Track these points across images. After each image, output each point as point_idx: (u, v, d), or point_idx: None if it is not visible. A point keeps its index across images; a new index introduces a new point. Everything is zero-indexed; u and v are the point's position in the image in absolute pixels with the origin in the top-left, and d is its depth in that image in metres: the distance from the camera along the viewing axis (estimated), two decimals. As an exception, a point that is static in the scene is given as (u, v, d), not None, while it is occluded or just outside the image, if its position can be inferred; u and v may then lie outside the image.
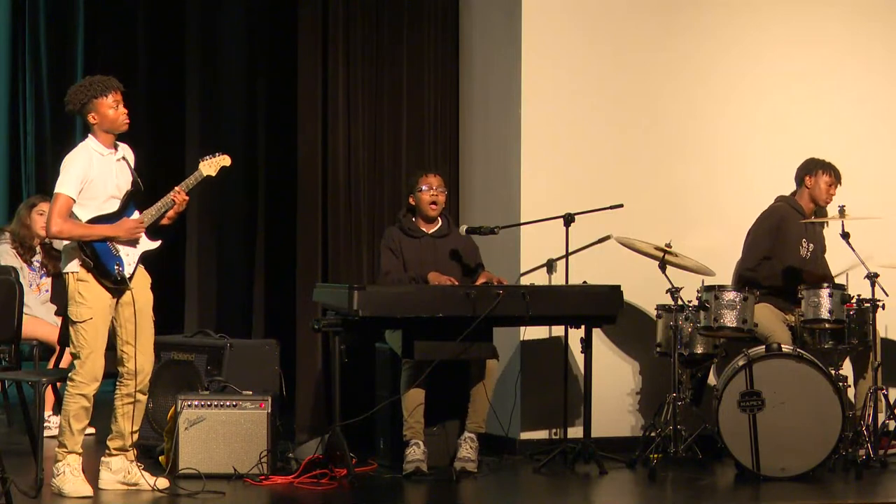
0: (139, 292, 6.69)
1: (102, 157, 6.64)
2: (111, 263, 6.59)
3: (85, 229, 6.55)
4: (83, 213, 6.57)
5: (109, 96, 6.61)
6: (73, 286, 6.58)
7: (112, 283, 6.59)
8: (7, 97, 11.80)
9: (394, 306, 7.25)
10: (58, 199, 6.50)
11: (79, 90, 6.64)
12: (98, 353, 6.58)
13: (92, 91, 6.60)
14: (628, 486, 7.44)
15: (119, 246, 6.63)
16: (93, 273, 6.56)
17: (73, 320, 6.59)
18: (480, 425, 7.54)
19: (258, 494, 6.93)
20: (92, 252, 6.55)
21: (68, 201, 6.51)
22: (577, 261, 8.10)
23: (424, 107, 8.77)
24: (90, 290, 6.57)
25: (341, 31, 8.60)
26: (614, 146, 8.42)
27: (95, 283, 6.57)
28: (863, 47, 8.79)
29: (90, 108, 6.60)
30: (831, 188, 8.08)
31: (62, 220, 6.49)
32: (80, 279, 6.57)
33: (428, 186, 7.73)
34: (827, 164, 8.09)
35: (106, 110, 6.61)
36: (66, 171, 6.55)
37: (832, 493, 7.26)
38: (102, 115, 6.61)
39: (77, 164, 6.57)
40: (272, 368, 7.75)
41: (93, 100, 6.60)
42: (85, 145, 6.66)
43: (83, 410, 6.61)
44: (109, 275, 6.58)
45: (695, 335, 7.81)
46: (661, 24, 8.51)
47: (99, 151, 6.64)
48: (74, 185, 6.52)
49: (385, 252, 7.72)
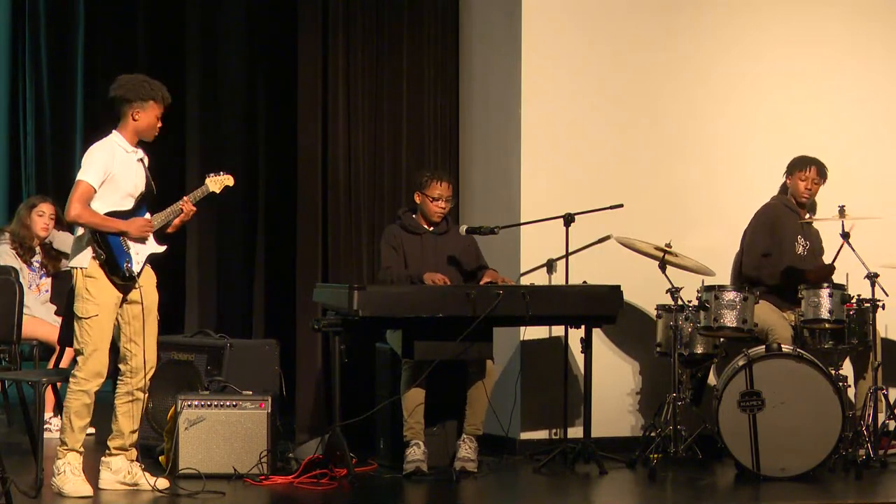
0: (146, 291, 6.70)
1: (126, 153, 6.67)
2: (122, 259, 6.61)
3: (101, 219, 6.56)
4: (99, 207, 6.58)
5: (161, 106, 6.66)
6: (81, 282, 6.59)
7: (120, 279, 6.61)
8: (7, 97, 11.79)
9: (394, 306, 7.25)
10: (79, 185, 6.52)
11: (141, 85, 6.64)
12: (102, 350, 6.59)
13: (153, 93, 6.64)
14: (628, 486, 7.44)
15: (130, 243, 6.65)
16: (103, 268, 6.57)
17: (78, 316, 6.60)
18: (478, 427, 7.53)
19: (258, 494, 6.93)
20: (105, 245, 6.56)
21: (89, 189, 6.53)
22: (577, 261, 8.10)
23: (424, 107, 8.77)
24: (98, 287, 6.58)
25: (341, 31, 8.61)
26: (614, 146, 8.42)
27: (104, 279, 6.59)
28: (863, 47, 8.79)
29: (140, 106, 6.63)
30: (811, 185, 8.08)
31: (81, 205, 6.51)
32: (88, 275, 6.58)
33: (439, 196, 7.70)
34: (805, 162, 8.10)
35: (152, 116, 6.67)
36: (91, 160, 6.57)
37: (832, 493, 7.26)
38: (147, 118, 6.66)
39: (102, 155, 6.60)
40: (272, 368, 7.75)
41: (149, 100, 6.63)
42: (110, 140, 6.68)
43: (85, 407, 6.61)
44: (119, 270, 6.59)
45: (695, 335, 7.81)
46: (661, 24, 8.51)
47: (123, 147, 6.67)
48: (98, 176, 6.54)
49: (385, 248, 7.72)
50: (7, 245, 8.87)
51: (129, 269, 6.61)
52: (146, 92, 6.63)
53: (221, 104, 9.85)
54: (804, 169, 8.10)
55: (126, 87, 6.65)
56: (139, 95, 6.63)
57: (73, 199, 6.51)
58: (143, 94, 6.63)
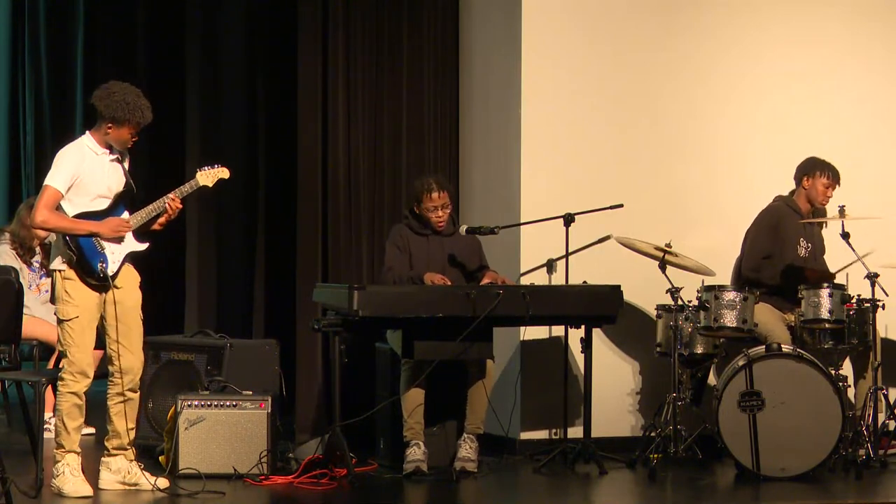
0: (126, 291, 6.70)
1: (96, 156, 6.66)
2: (95, 260, 6.60)
3: (69, 222, 6.58)
4: (70, 209, 6.60)
5: (136, 128, 6.64)
6: (60, 284, 6.62)
7: (95, 280, 6.61)
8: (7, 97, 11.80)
9: (394, 306, 7.25)
10: (46, 190, 6.56)
11: (120, 106, 6.56)
12: (85, 350, 6.60)
13: (128, 117, 6.57)
14: (628, 486, 7.44)
15: (104, 243, 6.64)
16: (76, 270, 6.59)
17: (60, 318, 6.63)
18: (479, 426, 7.53)
19: (258, 494, 6.93)
20: (76, 247, 6.57)
21: (56, 194, 6.55)
22: (577, 261, 8.10)
23: (424, 107, 8.77)
24: (76, 289, 6.60)
25: (341, 31, 8.61)
26: (614, 146, 8.42)
27: (80, 281, 6.60)
28: (863, 47, 8.79)
29: (115, 123, 6.60)
30: (828, 190, 8.07)
31: (48, 211, 6.53)
32: (66, 277, 6.60)
33: (433, 206, 7.68)
34: (826, 164, 8.08)
35: (125, 134, 6.65)
36: (58, 165, 6.59)
37: (832, 493, 7.26)
38: (119, 135, 6.64)
39: (70, 159, 6.61)
40: (272, 368, 7.75)
41: (125, 122, 6.60)
42: (80, 142, 6.69)
43: (75, 408, 6.62)
44: (93, 272, 6.60)
45: (695, 335, 7.81)
46: (661, 24, 8.51)
47: (93, 150, 6.67)
48: (64, 180, 6.56)
49: (391, 248, 7.71)
50: (7, 245, 8.87)
51: (103, 269, 6.60)
52: (122, 115, 6.57)
53: (221, 104, 9.84)
54: (825, 172, 8.02)
55: (105, 103, 6.59)
56: (114, 117, 6.59)
57: (39, 204, 6.54)
58: (118, 116, 6.57)
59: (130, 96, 6.60)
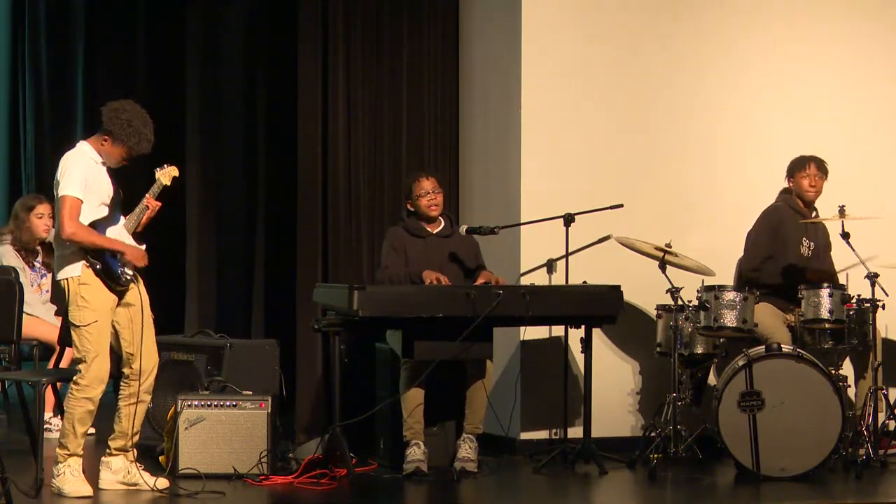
0: (138, 293, 6.72)
1: (95, 164, 6.66)
2: (115, 266, 6.62)
3: (98, 238, 6.56)
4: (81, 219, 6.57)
5: (130, 153, 6.64)
6: (75, 290, 6.57)
7: (120, 284, 6.62)
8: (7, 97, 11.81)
9: (394, 306, 7.25)
10: (65, 201, 6.49)
11: (125, 127, 6.56)
12: (103, 355, 6.59)
13: (129, 142, 6.57)
14: (628, 486, 7.44)
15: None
16: (101, 276, 6.57)
17: (75, 324, 6.58)
18: (478, 426, 7.54)
19: (258, 494, 6.93)
20: (98, 256, 6.57)
21: (77, 202, 6.51)
22: (577, 261, 8.10)
23: (424, 107, 8.77)
24: (93, 293, 6.58)
25: (341, 31, 8.61)
26: (614, 146, 8.43)
27: (100, 284, 6.58)
28: (863, 47, 8.79)
29: (112, 138, 6.60)
30: (813, 180, 8.04)
31: (75, 222, 6.49)
32: (82, 283, 6.56)
33: (424, 191, 7.73)
34: (804, 159, 8.08)
35: (118, 154, 6.64)
36: (70, 173, 6.54)
37: (832, 493, 7.26)
38: (114, 152, 6.63)
39: (79, 165, 6.58)
40: (272, 368, 7.75)
41: (121, 143, 6.60)
42: (81, 150, 6.67)
43: (88, 414, 6.61)
44: (118, 278, 6.60)
45: (695, 335, 7.81)
46: (661, 24, 8.51)
47: (93, 158, 6.67)
48: (80, 186, 6.53)
49: (387, 249, 7.73)
50: (8, 245, 8.87)
51: (123, 273, 6.63)
52: (121, 135, 6.56)
53: (221, 105, 9.85)
54: (804, 167, 8.08)
55: (110, 116, 6.60)
56: (113, 132, 6.59)
57: (64, 217, 6.49)
58: (117, 133, 6.57)
59: (137, 121, 6.60)
